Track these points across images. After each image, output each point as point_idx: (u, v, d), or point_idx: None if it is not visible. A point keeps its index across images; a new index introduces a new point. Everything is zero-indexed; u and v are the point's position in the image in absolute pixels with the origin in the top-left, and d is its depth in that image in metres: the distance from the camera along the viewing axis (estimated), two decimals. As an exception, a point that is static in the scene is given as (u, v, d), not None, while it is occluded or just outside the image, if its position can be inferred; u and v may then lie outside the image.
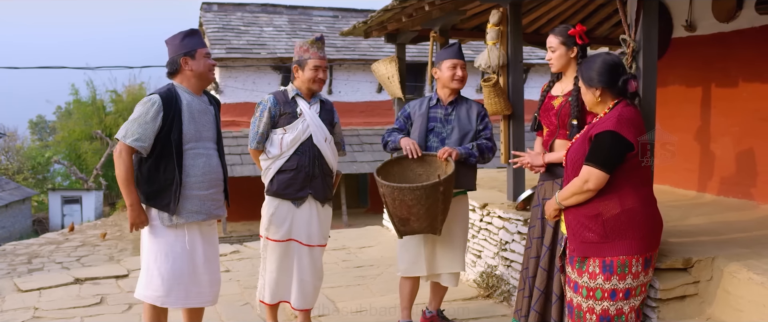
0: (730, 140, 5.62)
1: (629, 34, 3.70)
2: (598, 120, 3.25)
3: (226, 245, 7.79)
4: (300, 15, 18.37)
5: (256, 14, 17.71)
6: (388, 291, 5.58)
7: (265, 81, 16.02)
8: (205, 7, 17.36)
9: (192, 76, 3.69)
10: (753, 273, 3.25)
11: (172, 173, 3.58)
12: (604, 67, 3.21)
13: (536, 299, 3.82)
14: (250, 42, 16.23)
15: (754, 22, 5.27)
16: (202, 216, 3.71)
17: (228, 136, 15.05)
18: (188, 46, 3.65)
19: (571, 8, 7.96)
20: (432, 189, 3.77)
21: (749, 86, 5.42)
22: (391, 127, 4.44)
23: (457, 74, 4.22)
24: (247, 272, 6.40)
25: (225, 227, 14.98)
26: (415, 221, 3.97)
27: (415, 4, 6.07)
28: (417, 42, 8.24)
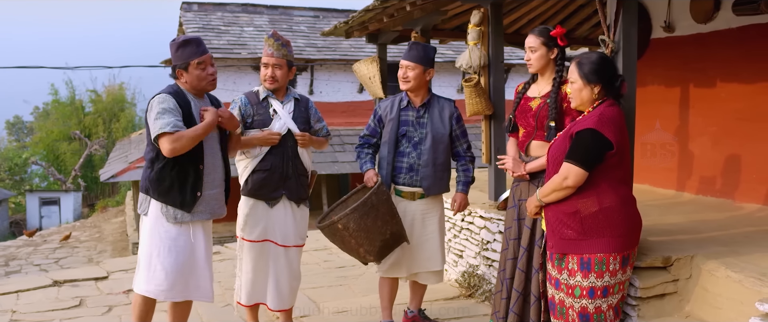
0: (709, 140, 5.68)
1: (608, 35, 3.72)
2: (580, 118, 3.27)
3: (207, 246, 7.74)
4: (281, 15, 18.30)
5: (236, 14, 17.62)
6: (369, 291, 5.58)
7: (246, 81, 15.93)
8: (185, 6, 17.25)
9: (188, 86, 3.72)
10: (731, 271, 3.29)
11: (186, 171, 3.64)
12: (606, 64, 3.24)
13: (515, 300, 3.83)
14: (231, 42, 16.14)
15: (731, 24, 5.34)
16: (206, 215, 3.78)
17: (208, 137, 14.96)
18: (181, 57, 3.65)
19: (551, 9, 8.00)
20: (331, 227, 3.90)
21: (727, 86, 5.48)
22: (363, 134, 4.41)
23: (401, 74, 4.21)
24: (229, 272, 6.36)
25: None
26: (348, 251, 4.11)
27: (396, 4, 6.06)
28: (398, 42, 8.24)
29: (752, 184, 5.27)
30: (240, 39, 16.38)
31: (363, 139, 4.41)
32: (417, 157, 4.23)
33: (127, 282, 6.08)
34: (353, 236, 3.83)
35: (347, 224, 3.80)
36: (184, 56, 3.63)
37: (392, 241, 4.07)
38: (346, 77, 16.74)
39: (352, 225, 3.80)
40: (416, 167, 4.24)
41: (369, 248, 3.95)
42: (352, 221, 3.80)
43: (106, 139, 26.66)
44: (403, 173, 4.24)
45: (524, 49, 3.87)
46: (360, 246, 3.90)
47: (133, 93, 30.36)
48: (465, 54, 5.18)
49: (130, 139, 19.03)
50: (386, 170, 4.22)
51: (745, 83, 5.31)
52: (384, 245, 4.02)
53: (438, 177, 4.30)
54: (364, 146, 4.38)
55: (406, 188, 4.26)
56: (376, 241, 3.95)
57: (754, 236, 4.10)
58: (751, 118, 5.25)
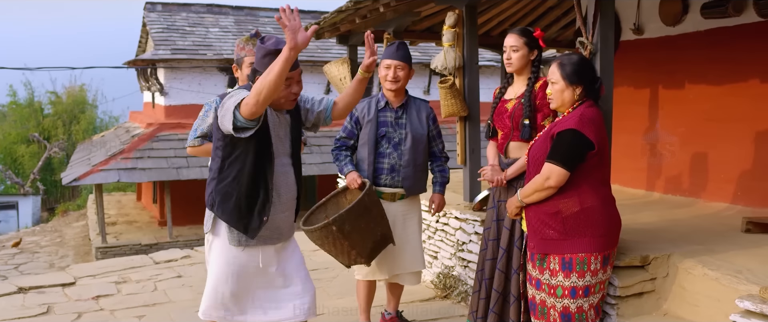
0: (677, 141, 5.79)
1: (586, 37, 3.76)
2: (560, 119, 3.30)
3: (176, 250, 7.63)
4: (246, 16, 18.16)
5: (201, 15, 17.42)
6: (345, 294, 5.55)
7: (211, 83, 15.77)
8: (149, 7, 16.99)
9: None
10: (708, 269, 3.34)
11: (254, 190, 3.18)
12: (588, 66, 3.28)
13: (495, 300, 3.85)
14: (196, 43, 15.96)
15: (699, 27, 5.44)
16: (273, 241, 3.34)
17: (173, 139, 14.76)
18: (267, 66, 3.06)
19: (521, 11, 8.08)
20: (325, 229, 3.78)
21: (695, 88, 5.59)
22: (340, 136, 4.37)
23: (389, 75, 4.18)
24: (200, 277, 6.26)
25: (171, 232, 14.66)
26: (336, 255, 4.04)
27: (369, 5, 6.05)
28: (368, 44, 8.22)
29: (719, 183, 5.37)
30: (205, 40, 16.20)
31: (340, 141, 4.36)
32: (398, 158, 4.22)
33: (96, 288, 5.96)
34: (347, 238, 3.80)
35: (342, 225, 3.75)
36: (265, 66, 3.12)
37: (381, 242, 4.05)
38: (313, 79, 16.65)
39: (347, 227, 3.77)
40: (397, 168, 4.24)
41: (361, 250, 3.92)
42: (346, 223, 3.76)
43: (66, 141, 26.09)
44: (385, 173, 4.23)
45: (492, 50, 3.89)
46: (352, 248, 3.87)
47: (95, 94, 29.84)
48: (440, 55, 5.19)
49: (91, 142, 18.67)
50: (367, 171, 4.20)
51: (713, 85, 5.41)
52: (374, 246, 4.00)
53: (418, 177, 4.32)
54: (341, 148, 4.35)
55: (388, 188, 4.25)
56: (368, 242, 3.93)
57: (725, 234, 4.18)
58: (719, 118, 5.36)
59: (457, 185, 5.74)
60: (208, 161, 4.15)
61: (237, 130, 2.97)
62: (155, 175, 13.96)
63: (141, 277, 6.34)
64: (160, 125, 15.12)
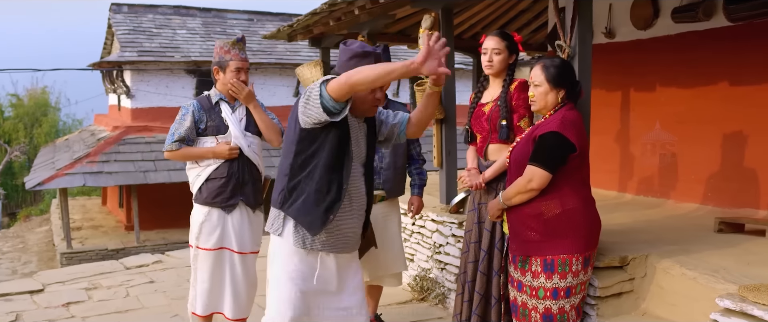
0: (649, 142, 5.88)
1: (564, 40, 3.80)
2: (542, 121, 3.32)
3: (147, 255, 7.51)
4: (214, 18, 17.98)
5: (168, 16, 17.21)
6: (321, 297, 5.51)
7: (179, 85, 15.59)
8: (115, 8, 16.73)
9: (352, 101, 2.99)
10: (685, 269, 3.40)
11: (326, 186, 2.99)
12: (570, 70, 3.31)
13: (477, 303, 3.85)
14: (163, 45, 15.76)
15: (670, 31, 5.53)
16: (338, 249, 3.13)
17: (140, 142, 14.56)
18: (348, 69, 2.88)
19: (492, 14, 8.15)
20: None
21: (666, 91, 5.68)
22: None
23: None
24: (173, 282, 6.18)
25: (138, 236, 14.45)
26: None
27: (343, 8, 6.04)
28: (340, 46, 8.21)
29: (690, 184, 5.47)
30: (173, 42, 16.01)
31: None
32: (379, 161, 4.22)
33: (65, 295, 5.83)
34: None
35: None
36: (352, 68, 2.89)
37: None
38: (282, 81, 16.59)
39: None
40: (379, 170, 4.24)
41: None
42: None
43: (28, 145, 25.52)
44: None
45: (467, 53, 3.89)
46: None
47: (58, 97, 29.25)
48: (416, 58, 5.19)
49: (55, 145, 18.30)
50: None
51: (684, 88, 5.51)
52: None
53: (398, 180, 4.33)
54: None
55: None
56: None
57: (699, 234, 4.26)
58: (689, 121, 5.46)
59: (433, 188, 5.75)
60: (178, 164, 4.10)
61: (328, 114, 2.81)
62: (122, 179, 13.75)
63: (112, 283, 6.22)
64: (127, 128, 14.89)
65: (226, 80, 4.05)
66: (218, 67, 4.08)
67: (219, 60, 4.08)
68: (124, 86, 15.36)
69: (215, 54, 4.12)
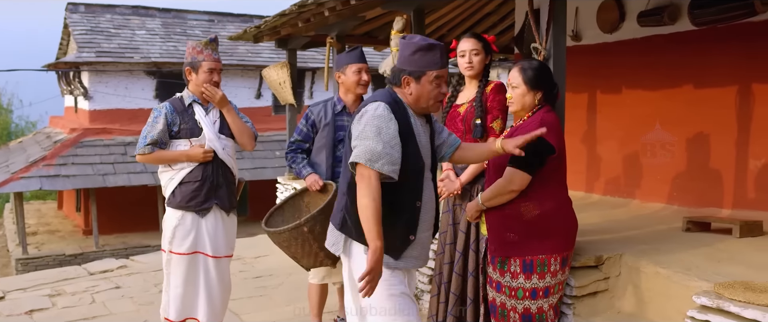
0: (615, 144, 5.98)
1: (539, 42, 3.84)
2: (520, 124, 3.35)
3: (112, 260, 7.35)
4: (174, 18, 17.72)
5: (127, 16, 16.90)
6: (292, 301, 5.48)
7: (139, 87, 15.32)
8: (71, 7, 16.36)
9: (411, 99, 2.87)
10: (659, 268, 3.46)
11: (400, 207, 2.80)
12: (548, 73, 3.34)
13: (453, 303, 3.87)
14: (122, 45, 15.47)
15: (636, 34, 5.64)
16: (415, 262, 2.93)
17: (98, 145, 14.26)
18: (417, 64, 2.81)
19: (459, 17, 8.21)
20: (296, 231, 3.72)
21: (632, 93, 5.79)
22: (294, 139, 4.33)
23: (362, 79, 4.19)
24: (140, 287, 6.06)
25: (97, 241, 14.14)
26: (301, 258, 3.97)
27: (313, 9, 6.01)
28: (308, 47, 8.17)
29: (655, 184, 5.59)
30: (132, 43, 15.73)
31: (295, 144, 4.33)
32: None
33: (28, 302, 5.67)
34: (317, 240, 3.74)
35: (314, 226, 3.71)
36: (422, 64, 2.81)
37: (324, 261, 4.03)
38: (244, 83, 16.43)
39: (318, 228, 3.72)
40: None
41: (328, 252, 3.88)
42: (318, 224, 3.71)
43: (-22, 148, 24.80)
44: None
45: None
46: (321, 250, 3.82)
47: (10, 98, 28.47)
48: (388, 60, 5.21)
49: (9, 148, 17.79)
50: (326, 174, 4.20)
51: (649, 90, 5.63)
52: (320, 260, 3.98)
53: None
54: (296, 151, 4.33)
55: None
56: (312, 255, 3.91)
57: (668, 233, 4.35)
58: (654, 122, 5.57)
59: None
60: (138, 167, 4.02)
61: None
62: (80, 182, 13.45)
63: (76, 289, 6.07)
64: (85, 131, 14.57)
65: (199, 81, 4.00)
66: (190, 68, 4.02)
67: (191, 61, 4.02)
68: (81, 88, 15.02)
69: (187, 55, 4.06)
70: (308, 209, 4.22)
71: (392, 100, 2.80)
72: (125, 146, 14.33)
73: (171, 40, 16.36)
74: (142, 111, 15.23)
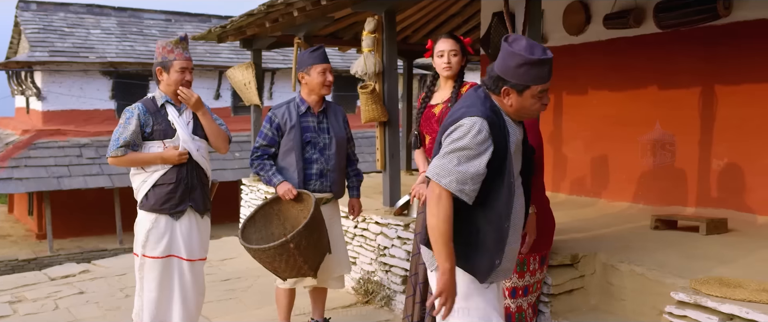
0: (581, 144, 6.09)
1: (515, 44, 3.88)
2: (499, 125, 3.38)
3: (73, 265, 7.18)
4: (130, 17, 17.37)
5: (80, 15, 16.49)
6: (262, 304, 5.42)
7: (94, 87, 14.98)
8: (22, 5, 15.89)
9: (510, 110, 2.58)
10: (634, 265, 3.54)
11: (490, 227, 2.56)
12: None
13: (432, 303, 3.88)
14: (77, 45, 15.10)
15: (601, 36, 5.76)
16: (501, 275, 2.70)
17: (52, 147, 13.89)
18: (521, 77, 2.48)
19: (424, 18, 8.25)
20: (282, 247, 3.66)
21: (597, 94, 5.91)
22: (259, 144, 4.18)
23: (327, 79, 4.15)
24: (105, 292, 5.92)
25: (51, 245, 13.77)
26: (283, 271, 3.92)
27: (281, 9, 5.97)
28: (273, 48, 8.12)
29: (621, 183, 5.71)
30: (87, 42, 15.37)
31: (261, 149, 4.19)
32: (325, 163, 4.18)
33: (-11, 309, 5.50)
34: (303, 254, 3.71)
35: (300, 242, 3.66)
36: (527, 78, 2.47)
37: (326, 252, 4.01)
38: (202, 83, 16.19)
39: (304, 242, 3.68)
40: (326, 173, 4.19)
41: (312, 264, 3.86)
42: (304, 239, 3.68)
43: None
44: (314, 179, 4.17)
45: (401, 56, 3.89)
46: (305, 263, 3.78)
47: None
48: (360, 61, 5.20)
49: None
50: (298, 178, 4.12)
51: (614, 91, 5.75)
52: (321, 257, 3.95)
53: (342, 181, 4.34)
54: (263, 157, 4.18)
55: (317, 194, 4.18)
56: (319, 255, 3.89)
57: (637, 232, 4.45)
58: (620, 122, 5.70)
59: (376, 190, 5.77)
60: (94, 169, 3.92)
61: None
62: (33, 185, 13.09)
63: (37, 295, 5.90)
64: (38, 132, 14.18)
65: (171, 81, 3.93)
66: (161, 67, 3.95)
67: (162, 60, 3.95)
68: (34, 88, 14.61)
69: (157, 54, 3.98)
70: (279, 218, 4.13)
71: (491, 114, 2.51)
72: (80, 148, 14.00)
73: (127, 40, 16.05)
74: (98, 112, 14.90)
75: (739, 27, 4.83)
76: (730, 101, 4.93)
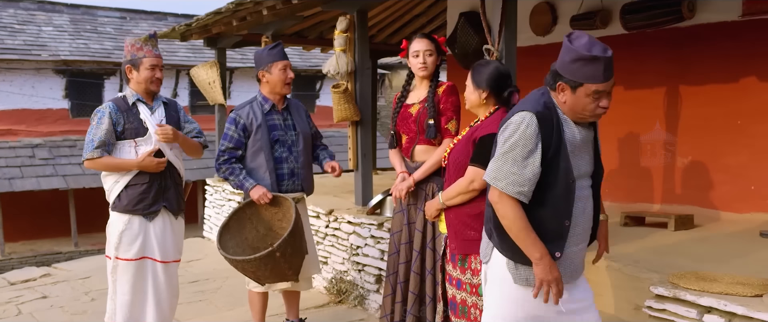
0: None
1: (492, 44, 3.93)
2: (480, 124, 3.41)
3: (33, 269, 6.98)
4: (83, 15, 16.95)
5: (31, 12, 16.03)
6: (234, 305, 5.37)
7: (46, 86, 14.56)
8: (-31, 1, 15.40)
9: (565, 108, 2.54)
10: (611, 261, 3.62)
11: (547, 223, 2.51)
12: (496, 74, 3.39)
13: (412, 302, 3.90)
14: (28, 42, 14.67)
15: (568, 37, 5.85)
16: (566, 278, 2.57)
17: (4, 148, 13.47)
18: (573, 74, 2.50)
19: (388, 18, 8.28)
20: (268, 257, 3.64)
21: (564, 94, 6.00)
22: (226, 147, 4.08)
23: (288, 76, 4.12)
24: (69, 296, 5.77)
25: (2, 249, 13.36)
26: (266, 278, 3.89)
27: (250, 8, 5.92)
28: (238, 46, 8.04)
29: (587, 182, 5.82)
30: (38, 39, 14.94)
31: (228, 153, 4.08)
32: (295, 161, 4.16)
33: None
34: (288, 260, 3.68)
35: (285, 249, 3.64)
36: (579, 75, 2.47)
37: (304, 254, 3.99)
38: (160, 82, 15.92)
39: (290, 249, 3.66)
40: (297, 171, 4.18)
41: (296, 268, 3.85)
42: (289, 246, 3.66)
43: None
44: (286, 179, 4.15)
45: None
46: (290, 268, 3.76)
47: None
48: (332, 60, 5.18)
49: None
50: (270, 178, 4.06)
51: (581, 91, 5.85)
52: (302, 259, 3.93)
53: (311, 177, 4.33)
54: (231, 161, 4.09)
55: (290, 194, 4.16)
56: (300, 259, 3.87)
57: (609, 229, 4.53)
58: (586, 122, 5.80)
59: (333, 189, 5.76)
60: (48, 170, 3.83)
61: None
62: (-17, 187, 12.69)
63: (-2, 300, 5.74)
64: (-12, 132, 13.76)
65: (142, 78, 3.87)
66: (131, 65, 3.88)
67: (131, 58, 3.88)
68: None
69: (126, 52, 3.92)
70: (253, 222, 4.07)
71: (544, 109, 2.51)
72: (33, 148, 13.61)
73: (81, 38, 15.67)
74: (51, 111, 14.51)
75: (702, 29, 4.97)
76: (694, 101, 5.07)
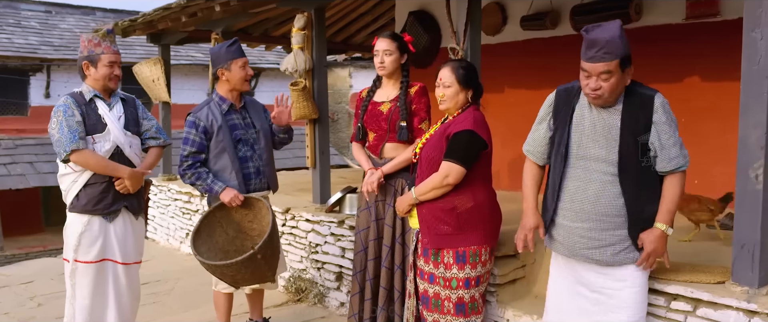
0: (499, 141, 6.28)
1: (458, 43, 4.01)
2: (452, 120, 3.48)
3: (-32, 274, 6.63)
4: (5, 8, 16.20)
5: (-51, 5, 15.25)
6: (189, 307, 5.28)
7: (-31, 83, 13.89)
8: None
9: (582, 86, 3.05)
10: (574, 253, 3.74)
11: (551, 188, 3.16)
12: (476, 74, 3.50)
13: (384, 298, 3.94)
14: (-52, 37, 13.95)
15: (517, 37, 6.01)
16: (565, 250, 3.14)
17: None
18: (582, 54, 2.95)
19: (335, 15, 8.28)
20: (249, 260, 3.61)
21: (514, 92, 6.16)
22: (188, 152, 3.97)
23: (248, 73, 4.09)
24: (13, 301, 5.53)
25: None
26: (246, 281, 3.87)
27: (201, 3, 5.82)
28: (184, 43, 7.87)
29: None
30: (-41, 34, 14.23)
31: (192, 157, 3.98)
32: (259, 159, 4.14)
33: None
34: (268, 262, 3.66)
35: (266, 252, 3.61)
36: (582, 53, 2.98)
37: (278, 253, 3.96)
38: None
39: (269, 252, 3.63)
40: (262, 169, 4.16)
41: (274, 269, 3.84)
42: (269, 248, 3.63)
43: None
44: (253, 178, 4.12)
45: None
46: (269, 270, 3.73)
47: None
48: (290, 58, 5.16)
49: None
50: (237, 180, 4.01)
51: (530, 89, 6.02)
52: (278, 259, 3.91)
53: (275, 174, 4.32)
54: (195, 166, 3.99)
55: (257, 193, 4.13)
56: (278, 259, 3.84)
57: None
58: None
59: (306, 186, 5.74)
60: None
61: None
62: None
63: (-67, 308, 5.44)
64: None
65: (99, 75, 3.78)
66: (88, 61, 3.78)
67: (88, 54, 3.78)
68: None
69: (83, 48, 3.81)
70: (222, 225, 4.01)
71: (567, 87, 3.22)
72: (-46, 148, 12.95)
73: (4, 32, 14.97)
74: (-27, 110, 13.85)
75: (648, 31, 5.19)
76: (640, 99, 5.28)
